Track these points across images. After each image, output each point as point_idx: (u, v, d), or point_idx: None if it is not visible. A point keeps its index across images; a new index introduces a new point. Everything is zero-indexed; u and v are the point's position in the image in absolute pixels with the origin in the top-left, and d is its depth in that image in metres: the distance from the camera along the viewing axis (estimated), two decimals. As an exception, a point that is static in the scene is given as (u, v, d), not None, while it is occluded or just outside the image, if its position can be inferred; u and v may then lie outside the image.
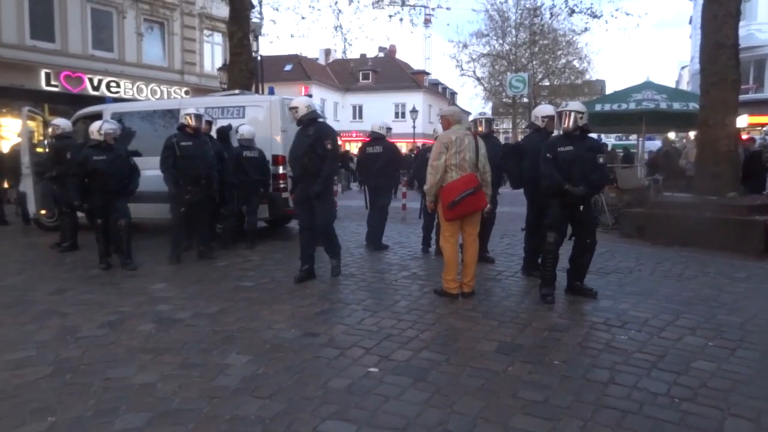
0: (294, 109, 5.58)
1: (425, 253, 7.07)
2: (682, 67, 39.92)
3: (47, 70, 16.05)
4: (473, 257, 4.97)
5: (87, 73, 16.84)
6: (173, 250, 6.54)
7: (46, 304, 4.81)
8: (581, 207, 4.83)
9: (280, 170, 7.82)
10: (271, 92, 8.48)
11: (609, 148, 16.22)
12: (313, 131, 5.53)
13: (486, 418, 2.76)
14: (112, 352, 3.69)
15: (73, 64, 16.65)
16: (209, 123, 7.39)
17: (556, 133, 5.37)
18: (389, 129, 7.63)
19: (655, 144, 20.50)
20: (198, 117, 6.61)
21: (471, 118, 6.71)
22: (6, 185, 10.86)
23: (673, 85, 34.86)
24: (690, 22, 30.28)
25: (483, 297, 5.02)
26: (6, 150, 11.33)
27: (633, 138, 24.02)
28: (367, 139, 7.82)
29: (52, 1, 16.36)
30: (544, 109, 5.68)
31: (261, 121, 7.89)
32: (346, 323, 4.28)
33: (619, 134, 25.06)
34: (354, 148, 28.58)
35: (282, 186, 7.84)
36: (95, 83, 16.99)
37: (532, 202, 5.64)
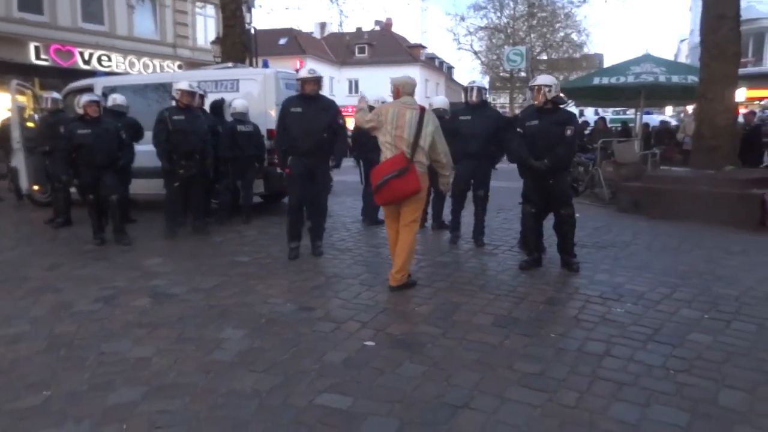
0: (313, 80, 5.41)
1: (420, 228, 7.04)
2: (681, 40, 39.52)
3: (36, 44, 15.73)
4: (402, 247, 4.37)
5: (77, 47, 16.52)
6: (168, 226, 6.49)
7: (40, 280, 4.78)
8: (551, 180, 4.82)
9: (274, 144, 7.71)
10: (266, 65, 8.33)
11: (607, 123, 16.08)
12: (326, 105, 5.49)
13: (482, 390, 2.77)
14: (106, 327, 3.68)
15: (63, 37, 16.31)
16: (202, 97, 7.26)
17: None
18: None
19: (653, 118, 20.40)
20: (191, 92, 6.48)
21: (464, 86, 6.50)
22: (-1, 160, 10.74)
23: (671, 59, 34.59)
24: (690, -6, 29.88)
25: (479, 271, 5.01)
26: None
27: (630, 112, 23.93)
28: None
29: (39, -28, 15.96)
30: (540, 80, 5.59)
31: (255, 95, 7.76)
32: (342, 297, 4.27)
33: (617, 108, 24.91)
34: (350, 122, 28.30)
35: (277, 160, 7.74)
36: (86, 57, 16.68)
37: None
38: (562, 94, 5.11)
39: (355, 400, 2.68)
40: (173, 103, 6.58)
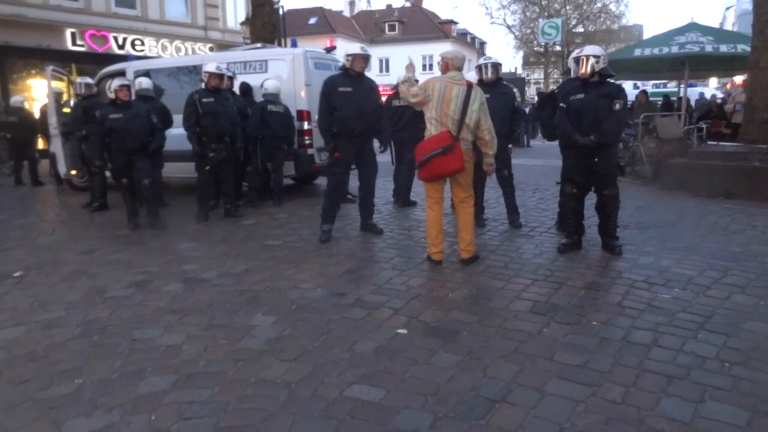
0: (364, 58, 5.31)
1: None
2: (727, 8, 37.60)
3: (72, 30, 15.98)
4: (466, 221, 4.46)
5: (111, 32, 16.72)
6: (200, 209, 6.50)
7: (76, 264, 4.84)
8: (596, 158, 4.56)
9: (305, 126, 7.62)
10: (294, 45, 8.19)
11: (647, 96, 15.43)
12: (372, 84, 5.43)
13: (521, 383, 2.63)
14: (139, 313, 3.67)
15: (98, 22, 16.52)
16: (230, 79, 7.19)
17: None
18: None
19: (694, 91, 19.42)
20: (219, 74, 6.41)
21: (476, 64, 6.23)
22: (42, 146, 10.98)
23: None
24: (739, -42, 28.28)
25: (515, 254, 4.83)
26: (37, 111, 11.41)
27: (671, 85, 22.91)
28: (392, 91, 7.53)
29: (74, -41, 16.14)
30: (587, 50, 5.27)
31: (284, 75, 7.65)
32: (374, 282, 4.17)
33: (656, 81, 23.90)
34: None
35: (307, 142, 7.66)
36: (120, 42, 16.89)
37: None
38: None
39: (387, 392, 2.58)
40: (202, 85, 6.53)
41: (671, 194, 7.56)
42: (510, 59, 71.19)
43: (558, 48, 30.60)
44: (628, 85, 25.82)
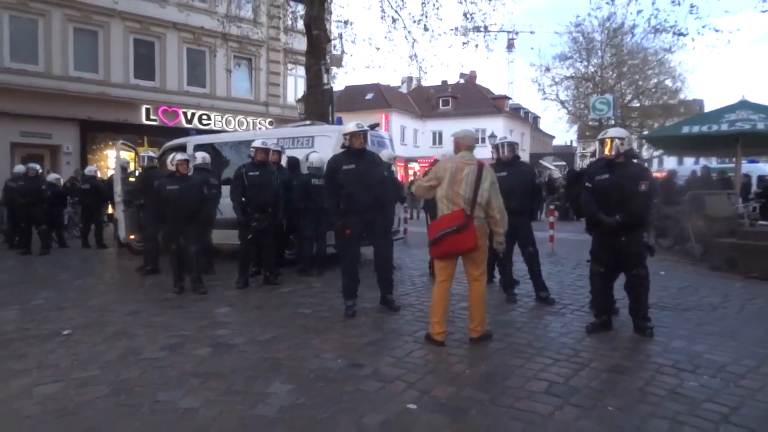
0: (362, 134, 5.43)
1: (488, 284, 6.82)
2: (792, 83, 36.56)
3: (147, 106, 17.58)
4: (478, 299, 4.45)
5: (182, 107, 18.25)
6: (241, 275, 6.80)
7: (119, 325, 5.15)
8: (623, 237, 4.53)
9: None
10: (339, 122, 8.70)
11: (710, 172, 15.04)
12: (375, 157, 5.55)
13: (521, 467, 2.58)
14: (166, 375, 3.86)
15: (170, 99, 18.12)
16: (278, 153, 7.68)
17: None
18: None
19: (760, 167, 18.74)
20: (264, 149, 6.89)
21: (494, 143, 6.37)
22: (110, 211, 11.89)
23: (779, 104, 32.01)
24: (799, 34, 27.79)
25: (541, 332, 4.77)
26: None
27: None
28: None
29: (154, 44, 17.96)
30: (611, 132, 5.39)
31: (329, 150, 8.09)
32: (394, 355, 4.21)
33: (721, 158, 23.27)
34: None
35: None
36: (188, 116, 18.36)
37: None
38: (634, 147, 4.90)
39: (385, 467, 2.60)
40: (250, 159, 7.01)
41: (719, 275, 7.27)
42: (563, 132, 71.38)
43: (612, 122, 30.54)
44: (689, 161, 25.19)
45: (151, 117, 17.68)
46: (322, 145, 8.17)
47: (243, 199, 6.72)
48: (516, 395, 3.42)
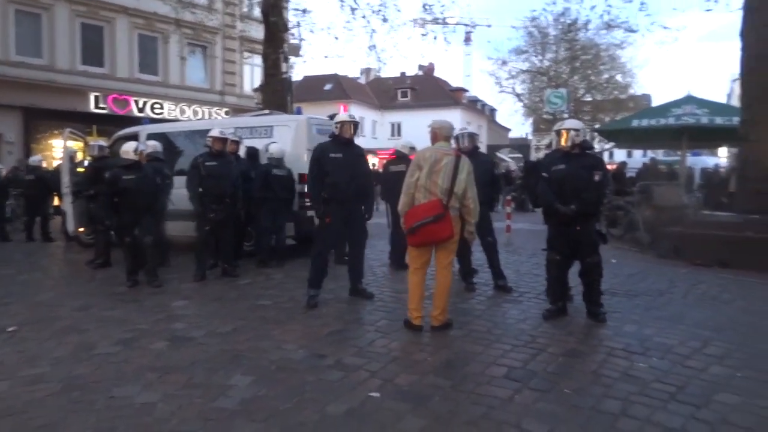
0: (353, 124, 5.47)
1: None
2: (734, 80, 38.41)
3: (96, 94, 16.90)
4: (443, 288, 4.51)
5: (133, 96, 17.63)
6: (198, 268, 6.65)
7: (69, 320, 4.95)
8: (578, 227, 4.68)
9: (306, 189, 7.86)
10: (298, 112, 8.60)
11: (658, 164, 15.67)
12: (360, 150, 5.57)
13: (482, 450, 2.64)
14: (121, 370, 3.74)
15: (121, 87, 17.47)
16: (236, 143, 7.53)
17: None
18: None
19: (704, 160, 19.64)
20: (222, 138, 6.75)
21: (454, 134, 6.46)
22: (56, 203, 11.38)
23: (724, 99, 33.55)
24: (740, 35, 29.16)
25: (500, 319, 4.87)
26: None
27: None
28: (393, 156, 7.81)
29: (102, 28, 17.25)
30: (567, 124, 5.53)
31: (288, 140, 7.99)
32: (356, 345, 4.22)
33: (667, 150, 24.23)
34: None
35: (308, 204, 7.88)
36: (140, 105, 17.75)
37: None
38: (587, 138, 5.03)
39: (349, 455, 2.61)
40: (207, 149, 6.84)
41: (666, 262, 7.60)
42: (519, 125, 72.76)
43: (566, 116, 31.32)
44: (637, 153, 26.10)
45: (101, 105, 17.00)
46: (281, 135, 8.05)
47: (200, 189, 6.56)
48: (477, 381, 3.49)
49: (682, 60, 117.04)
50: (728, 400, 3.17)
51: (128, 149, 6.46)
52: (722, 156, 28.05)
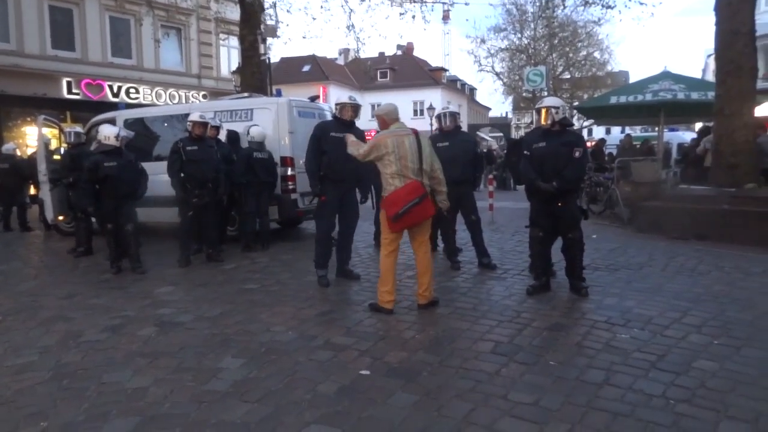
0: (352, 107, 5.49)
1: (432, 252, 6.94)
2: (708, 56, 38.86)
3: (68, 79, 16.47)
4: (425, 265, 4.57)
5: (107, 80, 17.23)
6: (182, 254, 6.62)
7: (55, 309, 4.92)
8: (559, 203, 4.77)
9: (289, 172, 7.84)
10: (279, 94, 8.52)
11: (634, 141, 15.88)
12: (360, 133, 5.53)
13: (472, 422, 2.72)
14: (110, 357, 3.74)
15: (93, 71, 17.05)
16: (216, 128, 7.44)
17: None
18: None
19: (680, 135, 19.93)
20: (203, 123, 6.67)
21: (435, 113, 6.52)
22: (32, 192, 11.15)
23: (699, 74, 33.93)
24: (714, 9, 29.46)
25: (485, 296, 4.96)
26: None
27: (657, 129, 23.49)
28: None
29: (72, 11, 16.76)
30: (546, 102, 5.57)
31: (269, 123, 7.92)
32: (344, 325, 4.27)
33: (645, 126, 24.52)
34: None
35: (291, 188, 7.86)
36: (115, 90, 17.36)
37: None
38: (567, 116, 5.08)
39: (342, 431, 2.67)
40: (187, 134, 6.76)
41: (645, 236, 7.76)
42: (499, 105, 72.90)
43: (545, 93, 31.44)
44: (615, 130, 26.35)
45: (74, 90, 16.58)
46: (261, 118, 7.97)
47: (182, 174, 6.50)
48: (464, 356, 3.56)
49: (659, 36, 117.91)
50: (706, 366, 3.29)
51: (110, 134, 6.35)
52: (698, 131, 28.49)
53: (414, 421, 2.74)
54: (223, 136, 7.74)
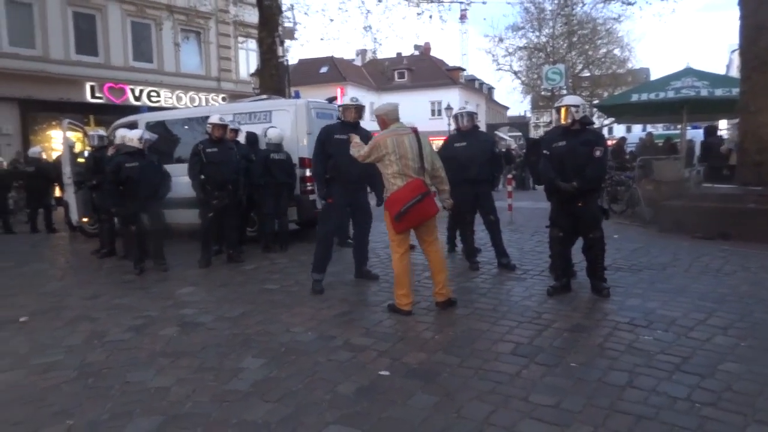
0: (355, 108, 5.47)
1: (451, 253, 6.96)
2: (732, 51, 38.08)
3: (92, 83, 16.77)
4: (440, 263, 4.54)
5: (129, 84, 17.51)
6: (203, 255, 6.70)
7: (80, 309, 5.01)
8: (580, 203, 4.71)
9: (308, 173, 7.87)
10: (297, 96, 8.57)
11: (655, 139, 15.61)
12: (366, 134, 5.50)
13: (492, 423, 2.70)
14: (134, 356, 3.81)
15: (116, 76, 17.35)
16: (235, 131, 7.51)
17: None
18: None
19: (701, 133, 19.54)
20: (222, 125, 6.74)
21: (453, 113, 6.46)
22: (58, 194, 11.38)
23: (723, 70, 33.30)
24: (738, 4, 28.81)
25: (505, 297, 4.92)
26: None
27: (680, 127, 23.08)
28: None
29: (95, 17, 17.07)
30: (566, 100, 5.51)
31: (287, 125, 7.97)
32: (363, 325, 4.27)
33: (666, 124, 24.12)
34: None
35: (309, 188, 7.90)
36: (137, 93, 17.64)
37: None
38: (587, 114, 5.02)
39: (362, 432, 2.67)
40: (207, 136, 6.84)
41: (668, 236, 7.63)
42: (518, 103, 72.30)
43: (564, 92, 31.10)
44: (636, 128, 25.93)
45: (97, 95, 16.89)
46: (280, 120, 8.02)
47: (202, 176, 6.57)
48: (484, 357, 3.54)
49: (681, 32, 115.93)
50: (732, 369, 3.22)
51: (133, 137, 6.47)
52: (722, 128, 27.95)
53: (434, 422, 2.73)
54: (242, 138, 7.82)
